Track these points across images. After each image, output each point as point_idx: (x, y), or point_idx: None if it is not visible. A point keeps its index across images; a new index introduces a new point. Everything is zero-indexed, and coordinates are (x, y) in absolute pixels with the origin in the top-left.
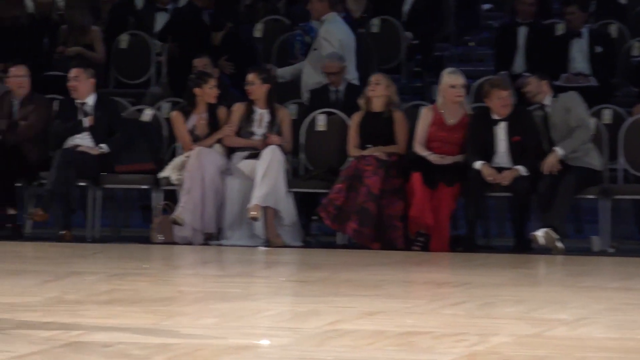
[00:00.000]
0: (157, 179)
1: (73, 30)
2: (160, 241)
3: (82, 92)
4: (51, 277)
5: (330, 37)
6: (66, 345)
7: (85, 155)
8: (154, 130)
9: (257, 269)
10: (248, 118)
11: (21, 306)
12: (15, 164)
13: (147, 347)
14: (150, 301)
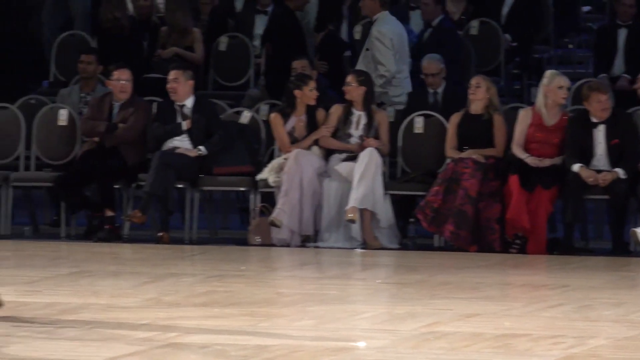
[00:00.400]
0: (255, 181)
1: (173, 32)
2: (257, 243)
3: (181, 94)
4: (149, 278)
5: (381, 36)
6: (164, 346)
7: (183, 158)
8: (252, 133)
9: (354, 271)
10: (345, 120)
11: (119, 307)
12: (114, 166)
13: (245, 348)
14: (247, 303)
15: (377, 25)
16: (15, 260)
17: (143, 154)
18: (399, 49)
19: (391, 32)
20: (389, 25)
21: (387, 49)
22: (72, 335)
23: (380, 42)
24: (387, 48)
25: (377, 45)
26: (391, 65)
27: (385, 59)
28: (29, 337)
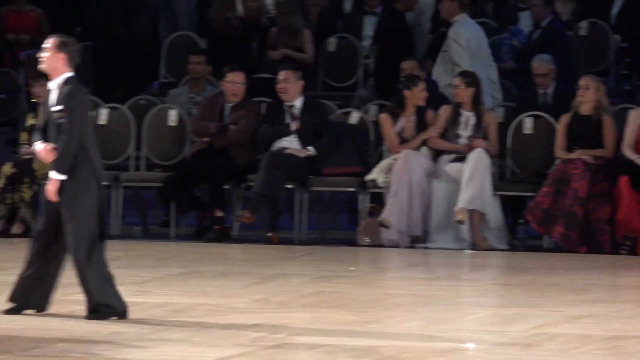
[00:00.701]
0: (364, 181)
1: (283, 33)
2: (366, 244)
3: (292, 95)
4: (258, 279)
5: (459, 38)
6: (273, 347)
7: (292, 158)
8: (361, 133)
9: (463, 272)
10: (454, 120)
11: (228, 308)
12: (223, 166)
13: (353, 349)
14: (356, 304)
15: (454, 27)
16: (126, 260)
17: (252, 154)
18: (475, 51)
19: (468, 34)
20: (466, 27)
21: (463, 50)
22: (182, 335)
23: (457, 43)
24: (463, 49)
25: (454, 47)
26: (466, 66)
27: (461, 60)
28: (139, 338)
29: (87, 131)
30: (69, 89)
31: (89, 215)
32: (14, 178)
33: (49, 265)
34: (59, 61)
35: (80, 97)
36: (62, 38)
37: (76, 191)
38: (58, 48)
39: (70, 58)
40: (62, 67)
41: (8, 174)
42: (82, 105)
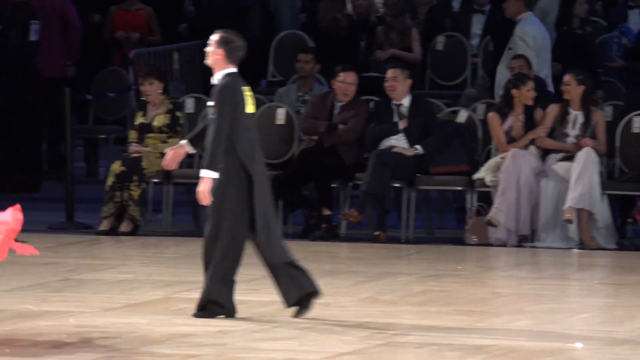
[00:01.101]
0: (472, 180)
1: (391, 33)
2: (474, 242)
3: (400, 93)
4: (365, 277)
5: (525, 36)
6: (381, 345)
7: (400, 157)
8: (468, 132)
9: (571, 271)
10: (562, 119)
11: (336, 306)
12: (331, 165)
13: (461, 348)
14: (464, 302)
15: (520, 25)
16: None
17: (360, 153)
18: (540, 49)
19: (534, 32)
20: (532, 25)
21: (529, 49)
22: (290, 333)
23: (523, 41)
24: (529, 48)
25: (520, 45)
26: (533, 64)
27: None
28: (247, 335)
29: (237, 126)
30: (220, 86)
31: (233, 212)
32: (123, 176)
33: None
34: (218, 57)
35: (230, 94)
36: (225, 34)
37: (221, 187)
38: (218, 44)
39: (230, 54)
40: (221, 63)
41: (117, 172)
42: (230, 102)
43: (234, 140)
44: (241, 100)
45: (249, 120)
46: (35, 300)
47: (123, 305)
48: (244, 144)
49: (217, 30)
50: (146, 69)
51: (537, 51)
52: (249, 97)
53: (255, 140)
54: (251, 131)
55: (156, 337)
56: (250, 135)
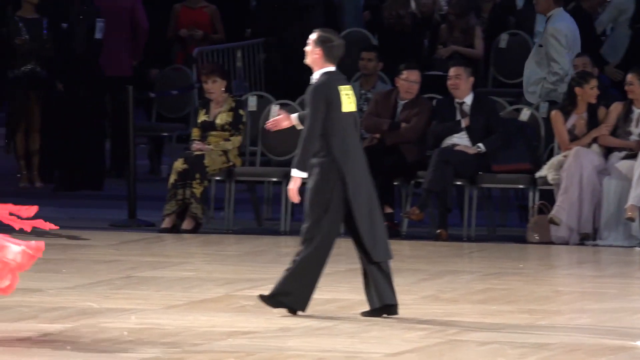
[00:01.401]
0: (534, 178)
1: (455, 30)
2: (536, 241)
3: (462, 91)
4: (427, 275)
5: (557, 33)
6: (442, 343)
7: (462, 155)
8: (531, 130)
9: (633, 269)
10: (626, 118)
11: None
12: (393, 163)
13: (522, 346)
14: (525, 301)
15: (551, 22)
16: None
17: (423, 151)
18: (572, 46)
19: (565, 29)
20: (564, 22)
21: (562, 47)
22: (351, 331)
23: (556, 39)
24: (562, 46)
25: (552, 43)
26: (565, 63)
27: (559, 57)
28: (309, 333)
29: (332, 125)
30: (314, 85)
31: (327, 211)
32: (185, 174)
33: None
34: (315, 56)
35: (323, 92)
36: (322, 33)
37: (316, 185)
38: (316, 43)
39: (327, 53)
40: (319, 62)
41: (179, 170)
42: (323, 101)
43: (329, 139)
44: (336, 98)
45: (346, 119)
46: (97, 298)
47: (184, 303)
48: (338, 142)
49: (316, 29)
50: (209, 66)
51: (568, 48)
52: (347, 96)
53: (352, 138)
54: (347, 130)
55: (217, 334)
56: (345, 134)
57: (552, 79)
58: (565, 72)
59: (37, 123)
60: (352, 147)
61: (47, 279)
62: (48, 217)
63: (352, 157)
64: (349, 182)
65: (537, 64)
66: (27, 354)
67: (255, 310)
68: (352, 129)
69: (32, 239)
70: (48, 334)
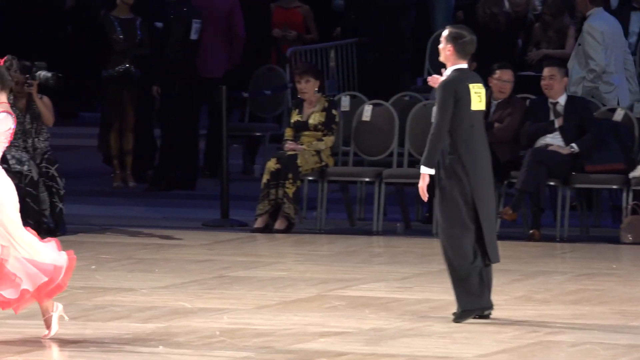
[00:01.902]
0: (628, 178)
1: (549, 31)
2: (629, 241)
3: (556, 92)
4: (519, 276)
5: (593, 32)
6: (534, 344)
7: (555, 155)
8: (625, 130)
9: None
10: None
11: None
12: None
13: (614, 347)
14: (618, 301)
15: (589, 20)
16: (387, 256)
17: (516, 151)
18: (610, 44)
19: (602, 27)
20: (601, 21)
21: (598, 44)
22: (442, 331)
23: (591, 36)
24: (598, 43)
25: (588, 40)
26: (601, 59)
27: (595, 54)
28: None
29: (459, 122)
30: (444, 81)
31: (454, 205)
32: (278, 174)
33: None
34: (447, 52)
35: (452, 89)
36: (454, 29)
37: (444, 183)
38: (447, 40)
39: (459, 50)
40: (451, 59)
41: (272, 170)
42: (452, 97)
43: (456, 136)
44: (466, 96)
45: (474, 117)
46: (189, 297)
47: (276, 303)
48: (465, 140)
49: (448, 26)
50: (303, 66)
51: (606, 46)
52: (477, 94)
53: (479, 137)
54: (475, 128)
55: (309, 334)
56: (473, 132)
57: (589, 76)
58: (602, 68)
59: (131, 123)
60: (479, 146)
61: (140, 279)
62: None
63: (478, 156)
64: (473, 181)
65: (578, 63)
66: (120, 354)
67: (347, 311)
68: (479, 128)
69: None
70: (141, 334)
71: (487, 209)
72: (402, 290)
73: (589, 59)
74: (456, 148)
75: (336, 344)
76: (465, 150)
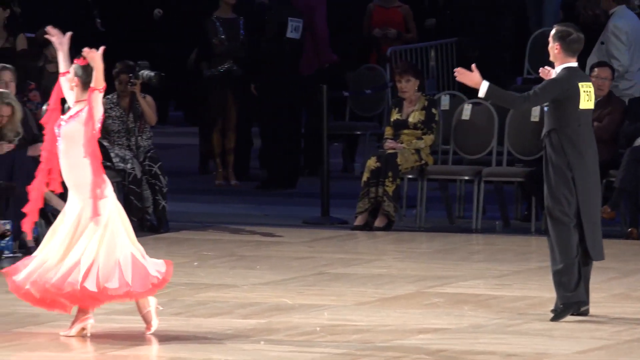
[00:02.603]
0: None
1: None
2: None
3: None
4: (617, 274)
5: (618, 31)
6: (631, 341)
7: None
8: None
9: None
10: None
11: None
12: None
13: None
14: None
15: (613, 19)
16: (486, 254)
17: (615, 150)
18: (633, 42)
19: (627, 27)
20: (625, 19)
21: (623, 45)
22: (540, 328)
23: (616, 36)
24: (622, 43)
25: (613, 40)
26: (625, 60)
27: (619, 54)
28: (498, 330)
29: (566, 120)
30: (552, 78)
31: (562, 206)
32: (378, 172)
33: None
34: (555, 51)
35: (558, 86)
36: (561, 28)
37: (550, 180)
38: (554, 38)
39: (566, 48)
40: (559, 57)
41: (372, 168)
42: (558, 94)
43: (563, 134)
44: (575, 94)
45: (582, 115)
46: (290, 294)
47: (376, 300)
48: (572, 139)
49: (556, 25)
50: (403, 66)
51: (629, 45)
52: (586, 93)
53: (587, 136)
54: (582, 127)
55: (407, 331)
56: (580, 131)
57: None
58: (626, 68)
59: (233, 122)
60: (586, 144)
61: (241, 275)
62: (242, 215)
63: (584, 154)
64: (578, 179)
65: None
66: (222, 349)
67: (445, 308)
68: (587, 127)
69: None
70: (242, 329)
71: (590, 207)
72: (500, 288)
73: (613, 59)
74: (562, 146)
75: (435, 341)
76: (571, 149)
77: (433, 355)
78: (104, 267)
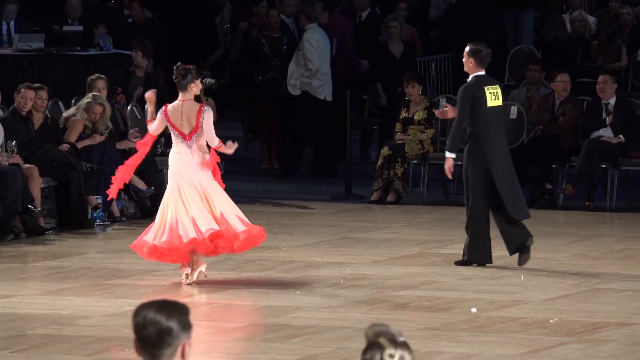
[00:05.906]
0: None
1: (605, 49)
2: None
3: (608, 94)
4: (577, 238)
5: (311, 40)
6: (587, 291)
7: (606, 144)
8: None
9: None
10: None
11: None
12: (553, 149)
13: None
14: None
15: (307, 33)
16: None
17: (576, 140)
18: (322, 50)
19: (317, 37)
20: (316, 32)
21: (314, 50)
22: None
23: (310, 44)
24: (314, 49)
25: (307, 46)
26: (316, 62)
27: (313, 57)
28: (483, 282)
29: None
30: (463, 86)
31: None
32: (390, 158)
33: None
34: (469, 64)
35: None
36: (473, 46)
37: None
38: (468, 54)
39: (478, 62)
40: (472, 69)
41: (385, 155)
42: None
43: (476, 128)
44: (482, 96)
45: (491, 112)
46: (320, 254)
47: (387, 258)
48: (483, 130)
49: (469, 44)
50: (410, 75)
51: (319, 52)
52: (491, 94)
53: (495, 127)
54: (490, 121)
55: (413, 283)
56: (489, 124)
57: None
58: (317, 69)
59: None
60: (495, 133)
61: (282, 239)
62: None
63: (494, 141)
64: (490, 160)
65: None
66: (266, 297)
67: (443, 265)
68: (495, 120)
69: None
70: (282, 282)
71: (504, 181)
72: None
73: (308, 61)
74: (476, 138)
75: (433, 291)
76: (482, 138)
77: (432, 302)
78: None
